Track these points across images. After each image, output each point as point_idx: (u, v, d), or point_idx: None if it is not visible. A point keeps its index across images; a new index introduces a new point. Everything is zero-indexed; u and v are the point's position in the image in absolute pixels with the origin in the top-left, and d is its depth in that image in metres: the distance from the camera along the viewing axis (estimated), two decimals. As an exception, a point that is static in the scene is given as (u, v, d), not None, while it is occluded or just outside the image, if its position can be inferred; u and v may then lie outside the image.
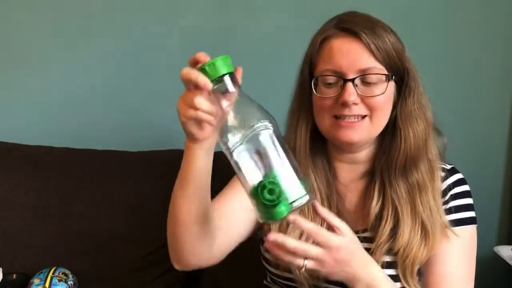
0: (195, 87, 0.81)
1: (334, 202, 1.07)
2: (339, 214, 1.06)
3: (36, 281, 1.39)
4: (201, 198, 0.94)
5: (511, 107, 1.76)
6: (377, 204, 1.05)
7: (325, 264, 0.88)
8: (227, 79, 0.81)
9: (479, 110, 1.77)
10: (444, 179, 1.08)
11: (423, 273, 1.06)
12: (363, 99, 1.00)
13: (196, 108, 0.81)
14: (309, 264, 0.87)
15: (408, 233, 1.01)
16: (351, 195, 1.10)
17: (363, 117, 1.02)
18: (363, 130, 1.02)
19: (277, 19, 1.72)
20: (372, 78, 1.00)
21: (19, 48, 1.74)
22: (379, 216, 1.04)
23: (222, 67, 0.81)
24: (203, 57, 0.82)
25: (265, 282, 1.17)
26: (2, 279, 1.44)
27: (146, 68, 1.75)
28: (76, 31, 1.73)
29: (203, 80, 0.80)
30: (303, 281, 1.02)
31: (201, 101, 0.81)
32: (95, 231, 1.55)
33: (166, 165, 1.30)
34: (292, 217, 0.85)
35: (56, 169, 1.61)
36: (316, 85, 1.04)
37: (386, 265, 1.02)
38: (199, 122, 0.84)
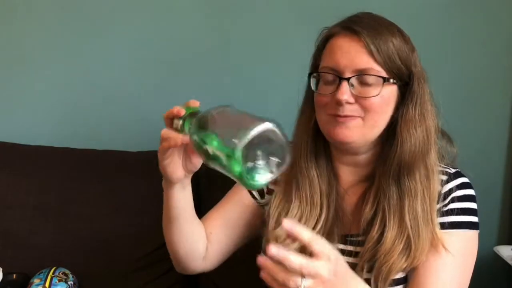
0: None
1: (333, 204, 1.07)
2: (337, 216, 1.06)
3: (36, 281, 1.39)
4: (186, 227, 1.06)
5: (511, 107, 1.76)
6: (370, 209, 1.03)
7: (324, 281, 0.78)
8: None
9: (479, 110, 1.76)
10: (446, 182, 1.05)
11: (410, 283, 1.02)
12: (358, 99, 0.99)
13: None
14: (307, 282, 0.77)
15: (392, 240, 0.99)
16: (350, 198, 1.09)
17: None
18: (355, 128, 1.00)
19: (279, 19, 1.72)
20: (369, 79, 0.99)
21: (19, 48, 1.74)
22: (371, 222, 1.03)
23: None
24: (176, 110, 0.89)
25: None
26: (2, 279, 1.44)
27: (146, 68, 1.75)
28: (76, 31, 1.72)
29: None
30: None
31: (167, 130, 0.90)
32: (95, 231, 1.55)
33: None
34: (287, 224, 0.78)
35: (56, 169, 1.61)
36: (318, 82, 1.04)
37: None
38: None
